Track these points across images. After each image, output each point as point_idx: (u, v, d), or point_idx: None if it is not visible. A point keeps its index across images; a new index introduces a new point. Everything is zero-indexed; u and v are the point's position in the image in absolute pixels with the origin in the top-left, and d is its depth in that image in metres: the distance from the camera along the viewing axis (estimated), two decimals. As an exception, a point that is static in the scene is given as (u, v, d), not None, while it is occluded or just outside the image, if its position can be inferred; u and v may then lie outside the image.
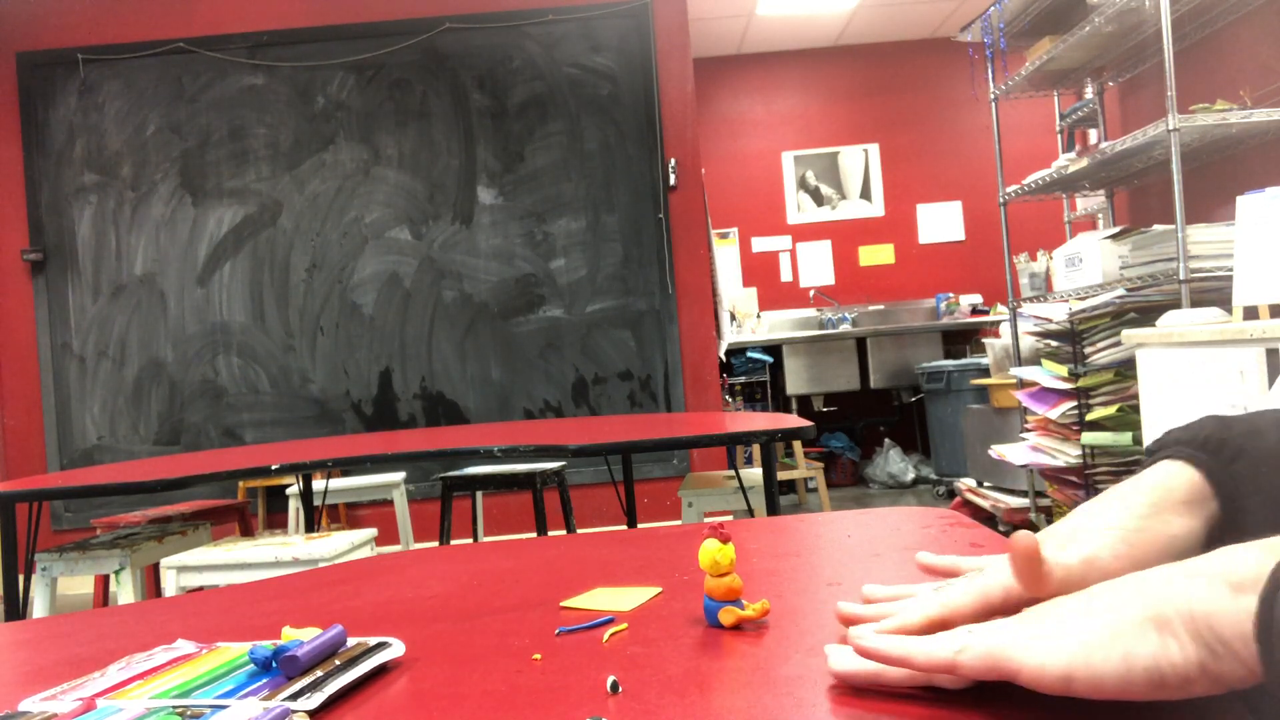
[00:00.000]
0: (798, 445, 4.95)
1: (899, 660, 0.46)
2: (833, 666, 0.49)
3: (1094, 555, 0.49)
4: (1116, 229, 3.28)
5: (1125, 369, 2.96)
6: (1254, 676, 0.37)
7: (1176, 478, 0.52)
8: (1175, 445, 0.54)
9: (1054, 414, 3.24)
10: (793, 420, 2.25)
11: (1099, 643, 0.40)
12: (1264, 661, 0.36)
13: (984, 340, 4.80)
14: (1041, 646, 0.42)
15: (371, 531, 2.58)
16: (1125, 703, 0.41)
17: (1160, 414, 2.60)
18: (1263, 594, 0.37)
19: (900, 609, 0.53)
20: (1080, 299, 3.19)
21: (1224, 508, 0.51)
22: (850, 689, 0.48)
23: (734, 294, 6.56)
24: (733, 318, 6.19)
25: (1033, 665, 0.41)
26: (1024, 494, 4.02)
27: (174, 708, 0.51)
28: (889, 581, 0.69)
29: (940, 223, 6.69)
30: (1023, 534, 0.47)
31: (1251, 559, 0.38)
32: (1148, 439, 2.69)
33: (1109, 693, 0.40)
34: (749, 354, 6.00)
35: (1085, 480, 3.15)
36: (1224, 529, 0.51)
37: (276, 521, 4.61)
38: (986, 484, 4.46)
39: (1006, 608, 0.48)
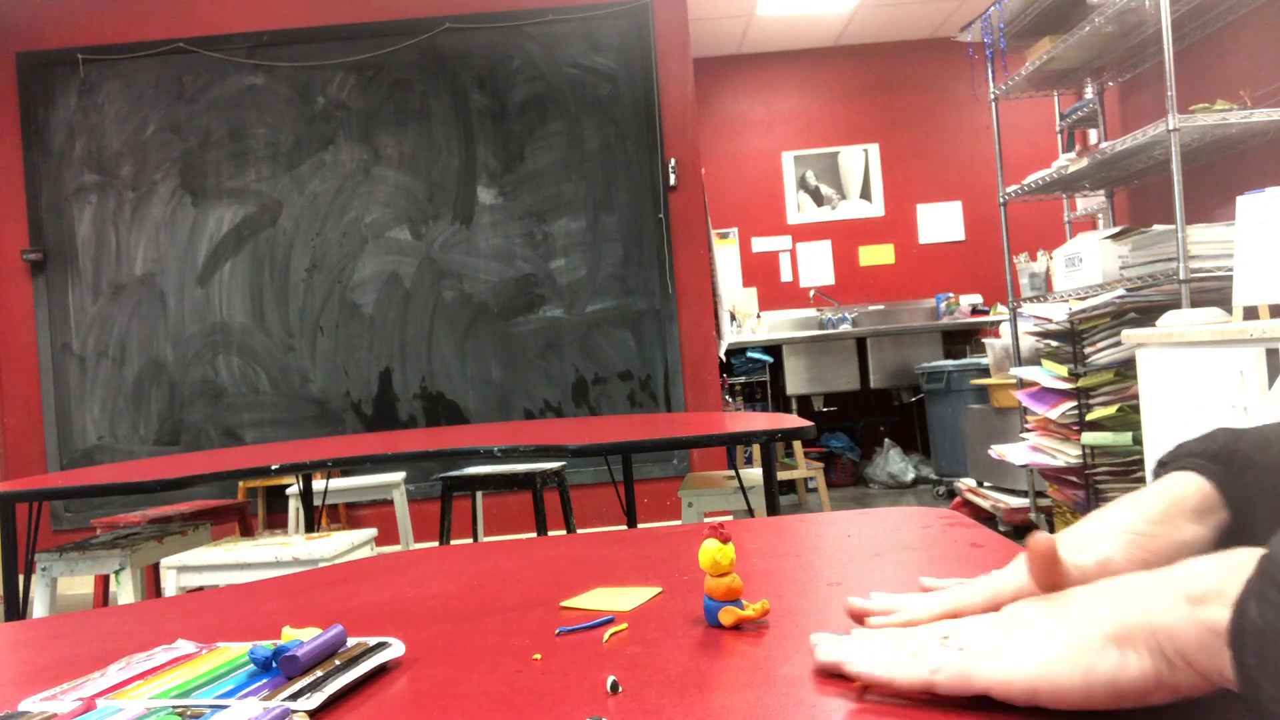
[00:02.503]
0: (798, 445, 4.95)
1: (883, 683, 0.47)
2: (821, 657, 0.50)
3: (1108, 558, 0.51)
4: (1116, 229, 3.27)
5: (1125, 369, 2.96)
6: (1209, 685, 0.39)
7: (1188, 487, 0.54)
8: (1187, 456, 0.56)
9: (1054, 414, 3.24)
10: (793, 420, 2.25)
11: (1061, 659, 0.43)
12: (1236, 667, 0.37)
13: (984, 340, 4.80)
14: (1008, 664, 0.44)
15: (371, 531, 2.58)
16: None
17: (1160, 414, 2.60)
18: (1237, 601, 0.38)
19: (908, 604, 0.56)
20: (1080, 299, 3.19)
21: (1234, 517, 0.53)
22: (849, 688, 0.48)
23: (734, 294, 6.55)
24: (733, 318, 6.19)
25: (1000, 682, 0.44)
26: (1024, 494, 4.02)
27: (174, 708, 0.51)
28: (889, 582, 0.69)
29: (940, 223, 6.68)
30: (1040, 535, 0.49)
31: (1210, 573, 0.40)
32: (1148, 439, 2.69)
33: (1072, 704, 0.42)
34: (749, 354, 6.00)
35: (1085, 480, 3.15)
36: (1234, 538, 0.52)
37: (276, 521, 4.61)
38: (986, 484, 4.46)
39: None
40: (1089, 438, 3.08)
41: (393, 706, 0.52)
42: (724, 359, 5.12)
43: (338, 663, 0.56)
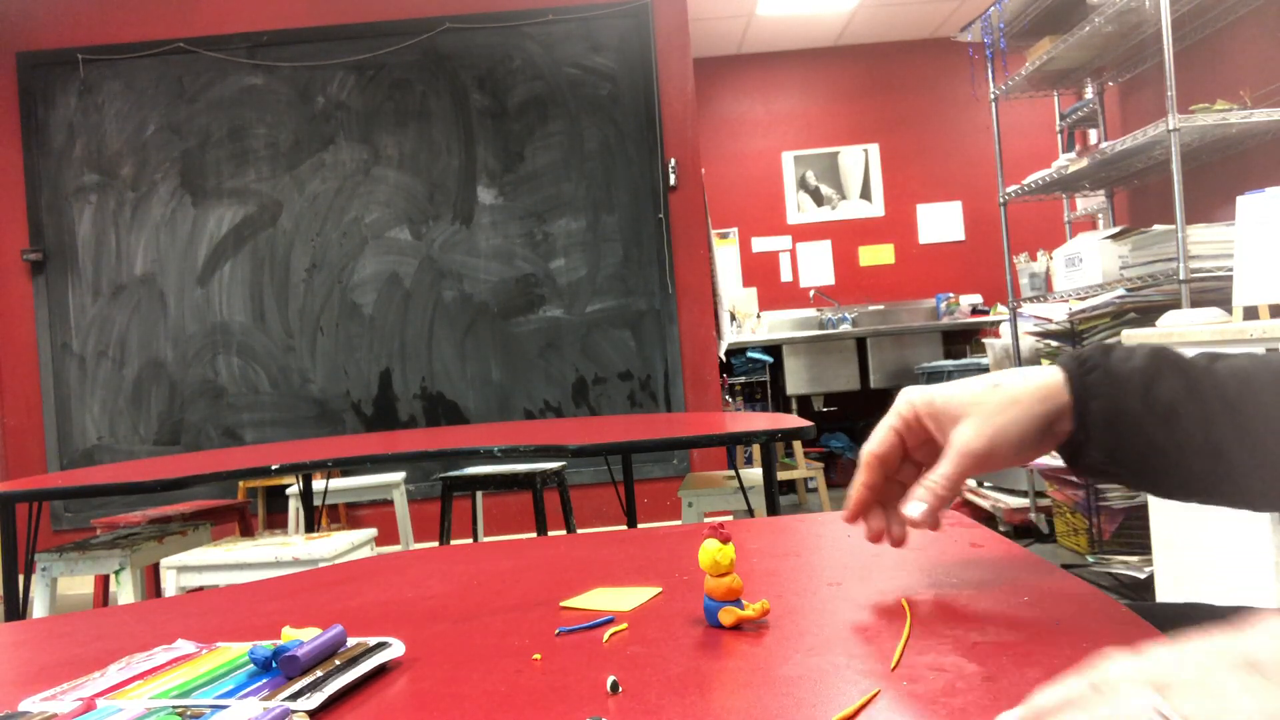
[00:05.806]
0: (798, 445, 4.95)
1: None
2: None
3: (992, 440, 0.65)
4: (1116, 229, 3.27)
5: (1125, 369, 2.96)
6: None
7: (1047, 375, 0.68)
8: (1062, 358, 0.70)
9: (1054, 414, 3.23)
10: (793, 420, 2.25)
11: None
12: None
13: (984, 340, 4.80)
14: None
15: (371, 531, 2.58)
16: None
17: (1160, 414, 2.59)
18: None
19: None
20: (1080, 299, 3.19)
21: (1075, 404, 0.66)
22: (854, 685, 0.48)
23: (734, 294, 6.55)
24: (733, 318, 6.19)
25: None
26: (1024, 494, 4.02)
27: (174, 708, 0.51)
28: (889, 581, 0.69)
29: (940, 223, 6.68)
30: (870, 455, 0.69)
31: None
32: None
33: None
34: (749, 354, 6.00)
35: (1085, 480, 3.15)
36: (1070, 417, 0.66)
37: (276, 521, 4.61)
38: (986, 484, 4.46)
39: None
40: (1089, 438, 3.07)
41: (393, 706, 0.52)
42: (724, 359, 5.12)
43: (338, 663, 0.56)
